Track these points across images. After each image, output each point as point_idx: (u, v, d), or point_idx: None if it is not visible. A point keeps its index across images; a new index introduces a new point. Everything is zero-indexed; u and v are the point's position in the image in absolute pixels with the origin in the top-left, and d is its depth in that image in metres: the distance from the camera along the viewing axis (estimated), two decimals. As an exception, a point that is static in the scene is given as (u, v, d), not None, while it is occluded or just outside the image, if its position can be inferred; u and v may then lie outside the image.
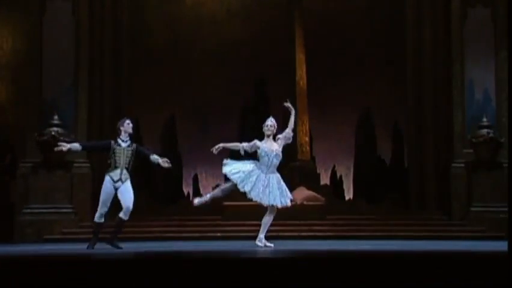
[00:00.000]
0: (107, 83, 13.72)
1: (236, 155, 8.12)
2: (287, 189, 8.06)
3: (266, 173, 7.91)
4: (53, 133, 12.20)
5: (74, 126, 12.71)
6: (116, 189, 7.82)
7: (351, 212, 13.55)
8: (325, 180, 15.79)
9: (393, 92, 15.40)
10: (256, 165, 7.95)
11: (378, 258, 5.40)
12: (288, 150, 15.72)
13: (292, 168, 15.04)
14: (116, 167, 7.83)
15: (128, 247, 7.96)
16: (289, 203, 8.01)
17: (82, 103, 12.87)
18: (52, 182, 12.30)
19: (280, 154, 8.06)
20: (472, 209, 12.80)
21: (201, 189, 15.78)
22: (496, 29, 13.21)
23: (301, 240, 10.94)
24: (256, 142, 7.99)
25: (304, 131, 15.40)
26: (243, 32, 16.31)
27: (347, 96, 15.98)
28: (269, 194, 7.87)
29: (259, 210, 12.75)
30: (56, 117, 12.37)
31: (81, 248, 7.81)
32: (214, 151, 7.99)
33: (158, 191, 14.88)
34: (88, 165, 12.76)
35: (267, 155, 7.94)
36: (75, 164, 12.54)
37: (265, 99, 16.34)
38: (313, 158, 15.73)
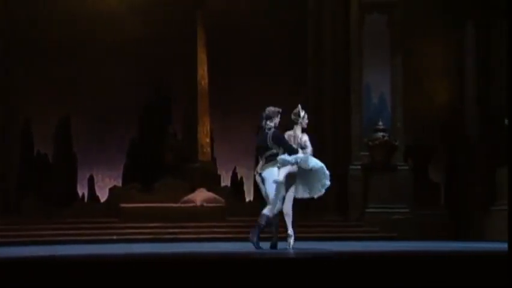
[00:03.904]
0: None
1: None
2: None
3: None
4: None
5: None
6: None
7: (252, 213, 13.46)
8: (226, 181, 15.73)
9: (295, 93, 15.56)
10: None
11: (273, 259, 5.35)
12: (189, 151, 15.72)
13: (192, 169, 14.87)
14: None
15: (12, 252, 7.48)
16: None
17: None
18: None
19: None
20: (367, 210, 13.14)
21: (97, 190, 15.28)
22: (392, 35, 13.66)
23: (202, 242, 10.79)
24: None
25: (205, 132, 15.29)
26: (145, 30, 15.95)
27: (249, 97, 15.99)
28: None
29: (157, 211, 12.52)
30: None
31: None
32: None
33: (50, 192, 14.21)
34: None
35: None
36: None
37: (166, 99, 16.07)
38: (214, 159, 15.63)
